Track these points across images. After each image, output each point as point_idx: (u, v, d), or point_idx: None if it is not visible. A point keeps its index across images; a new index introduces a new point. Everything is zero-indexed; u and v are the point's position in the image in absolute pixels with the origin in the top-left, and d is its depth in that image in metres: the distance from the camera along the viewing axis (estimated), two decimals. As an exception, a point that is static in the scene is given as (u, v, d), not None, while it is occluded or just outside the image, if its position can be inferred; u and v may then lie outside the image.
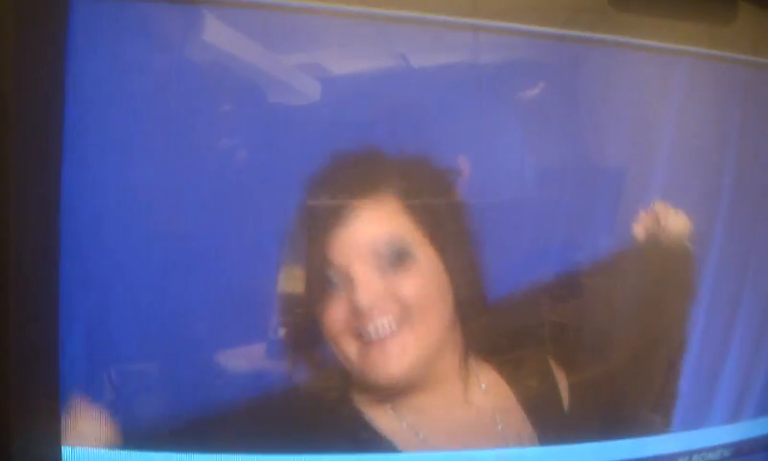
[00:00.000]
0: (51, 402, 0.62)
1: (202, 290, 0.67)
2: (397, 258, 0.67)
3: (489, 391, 0.74)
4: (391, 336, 0.66)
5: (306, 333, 0.69)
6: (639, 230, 0.78)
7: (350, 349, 0.67)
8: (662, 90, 0.80)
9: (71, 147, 0.60)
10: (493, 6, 0.74)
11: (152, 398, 0.67)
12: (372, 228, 0.67)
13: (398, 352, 0.67)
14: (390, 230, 0.67)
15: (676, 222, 0.79)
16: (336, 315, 0.67)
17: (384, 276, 0.67)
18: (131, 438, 0.66)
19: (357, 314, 0.66)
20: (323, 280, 0.67)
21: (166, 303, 0.66)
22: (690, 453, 0.81)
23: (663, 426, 0.82)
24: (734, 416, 0.86)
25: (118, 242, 0.64)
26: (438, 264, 0.69)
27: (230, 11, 0.66)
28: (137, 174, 0.64)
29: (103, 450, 0.65)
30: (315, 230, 0.67)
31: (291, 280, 0.69)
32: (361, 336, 0.66)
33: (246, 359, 0.69)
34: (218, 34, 0.66)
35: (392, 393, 0.70)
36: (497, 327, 0.75)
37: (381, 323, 0.66)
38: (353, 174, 0.69)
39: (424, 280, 0.68)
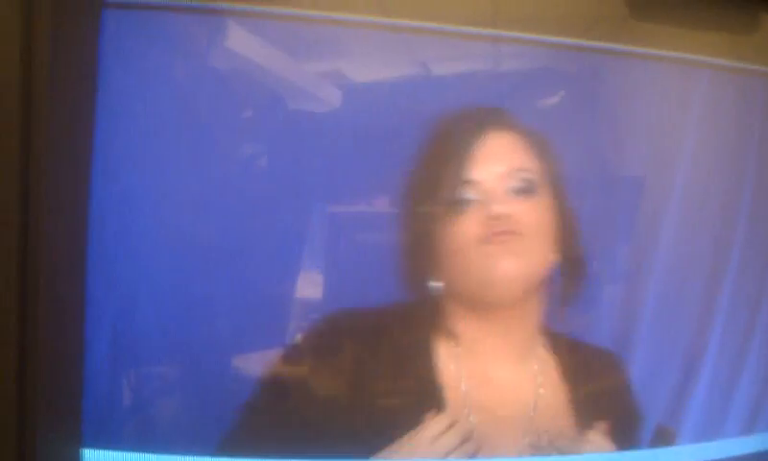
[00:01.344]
0: (74, 404, 0.62)
1: (225, 295, 0.68)
2: (525, 189, 0.73)
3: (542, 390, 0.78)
4: (512, 241, 0.72)
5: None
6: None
7: (473, 256, 0.72)
8: (682, 101, 0.80)
9: (100, 154, 0.61)
10: (514, 16, 0.74)
11: (174, 401, 0.68)
12: (510, 156, 0.74)
13: (516, 250, 0.73)
14: (523, 164, 0.74)
15: None
16: (466, 226, 0.72)
17: (512, 198, 0.73)
18: (152, 441, 0.66)
19: (487, 223, 0.72)
20: (458, 198, 0.72)
21: (190, 306, 0.66)
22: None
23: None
24: (749, 428, 0.85)
25: (144, 246, 0.65)
26: (551, 209, 0.76)
27: (254, 21, 0.67)
28: (163, 180, 0.65)
29: (124, 453, 0.65)
30: (456, 150, 0.73)
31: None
32: (483, 244, 0.72)
33: (265, 363, 0.70)
34: (242, 43, 0.67)
35: (493, 305, 0.75)
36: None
37: (508, 231, 0.72)
38: (484, 114, 0.76)
39: (542, 218, 0.75)
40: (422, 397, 0.74)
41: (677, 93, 0.80)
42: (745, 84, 0.82)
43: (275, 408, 0.70)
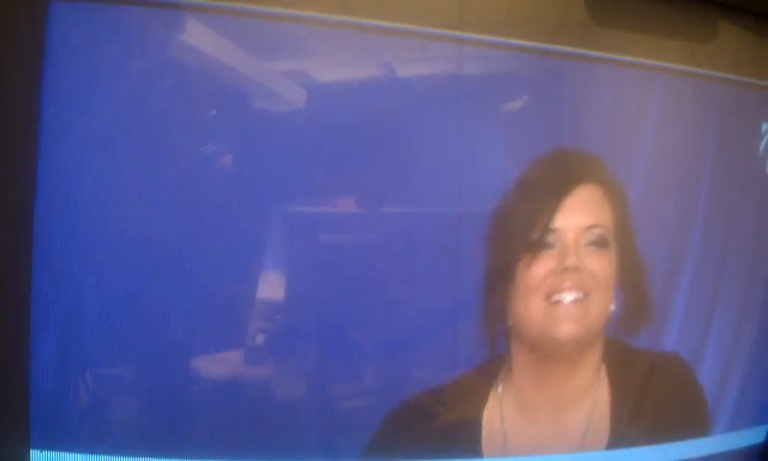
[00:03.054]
0: (20, 405, 0.61)
1: (177, 295, 0.66)
2: (600, 243, 0.78)
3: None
4: (576, 302, 0.77)
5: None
6: None
7: (537, 307, 0.77)
8: (643, 106, 0.81)
9: (46, 150, 0.60)
10: (479, 19, 0.74)
11: (123, 402, 0.67)
12: (590, 212, 0.79)
13: (578, 317, 0.77)
14: (601, 218, 0.79)
15: None
16: (539, 272, 0.76)
17: (586, 252, 0.77)
18: (101, 443, 0.65)
19: (559, 274, 0.76)
20: (540, 241, 0.76)
21: (140, 306, 0.65)
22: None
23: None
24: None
25: (92, 246, 0.63)
26: (615, 260, 0.80)
27: (213, 17, 0.66)
28: (114, 178, 0.63)
29: (72, 454, 0.64)
30: (543, 198, 0.77)
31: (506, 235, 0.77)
32: (550, 297, 0.76)
33: (224, 365, 0.69)
34: (197, 38, 0.65)
35: (555, 352, 0.79)
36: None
37: (575, 288, 0.77)
38: (580, 161, 0.80)
39: (612, 269, 0.79)
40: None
41: (637, 98, 0.81)
42: (703, 89, 0.83)
43: (229, 409, 0.69)
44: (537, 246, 0.76)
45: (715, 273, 0.86)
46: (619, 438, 0.82)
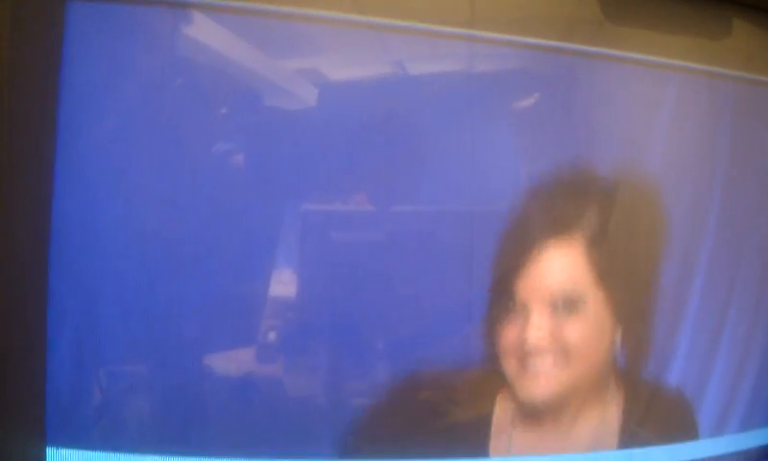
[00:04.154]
0: (37, 403, 0.61)
1: (192, 294, 0.67)
2: (571, 304, 0.74)
3: None
4: (545, 373, 0.73)
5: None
6: None
7: (511, 365, 0.74)
8: (656, 104, 0.81)
9: (64, 150, 0.60)
10: (491, 17, 0.74)
11: (139, 400, 0.67)
12: (557, 275, 0.74)
13: (548, 385, 0.74)
14: (571, 278, 0.74)
15: None
16: (508, 336, 0.73)
17: (556, 317, 0.73)
18: (117, 440, 0.65)
19: (523, 345, 0.73)
20: (505, 306, 0.74)
21: (156, 305, 0.65)
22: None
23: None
24: (718, 429, 0.87)
25: (109, 244, 0.63)
26: (604, 309, 0.76)
27: (227, 16, 0.66)
28: (130, 177, 0.64)
29: (88, 452, 0.65)
30: (505, 261, 0.74)
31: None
32: (522, 360, 0.73)
33: (238, 363, 0.70)
34: (213, 38, 0.65)
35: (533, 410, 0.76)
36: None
37: (541, 360, 0.73)
38: (545, 217, 0.76)
39: (590, 326, 0.75)
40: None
41: (651, 96, 0.80)
42: (717, 87, 0.83)
43: (242, 407, 0.69)
44: (506, 312, 0.73)
45: (729, 273, 0.86)
46: (630, 437, 0.80)
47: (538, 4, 0.76)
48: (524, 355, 0.73)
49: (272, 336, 0.71)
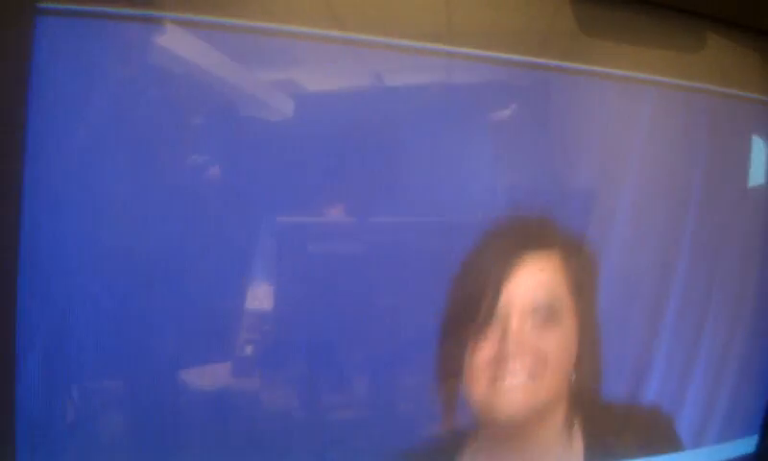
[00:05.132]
0: (6, 427, 0.60)
1: (165, 309, 0.66)
2: (549, 315, 0.74)
3: None
4: (521, 385, 0.73)
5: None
6: None
7: (481, 386, 0.73)
8: (632, 119, 0.81)
9: (33, 164, 0.59)
10: (467, 32, 0.74)
11: (112, 419, 0.66)
12: (535, 287, 0.74)
13: (523, 399, 0.73)
14: (549, 290, 0.74)
15: None
16: (482, 353, 0.73)
17: (534, 329, 0.73)
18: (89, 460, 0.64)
19: (499, 359, 0.72)
20: (483, 324, 0.73)
21: (128, 323, 0.64)
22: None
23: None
24: (697, 441, 0.87)
25: (80, 260, 0.62)
26: (574, 322, 0.76)
27: (199, 31, 0.65)
28: (101, 191, 0.62)
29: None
30: (482, 277, 0.73)
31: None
32: (494, 379, 0.72)
33: (213, 379, 0.69)
34: (185, 51, 0.65)
35: (503, 432, 0.76)
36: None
37: (518, 372, 0.73)
38: (523, 232, 0.75)
39: (565, 337, 0.75)
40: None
41: (626, 111, 0.81)
42: (692, 102, 0.84)
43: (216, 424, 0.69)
44: (480, 327, 0.72)
45: (706, 285, 0.87)
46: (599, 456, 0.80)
47: (513, 20, 0.77)
48: (498, 369, 0.72)
49: (248, 350, 0.70)
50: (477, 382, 0.73)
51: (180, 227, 0.66)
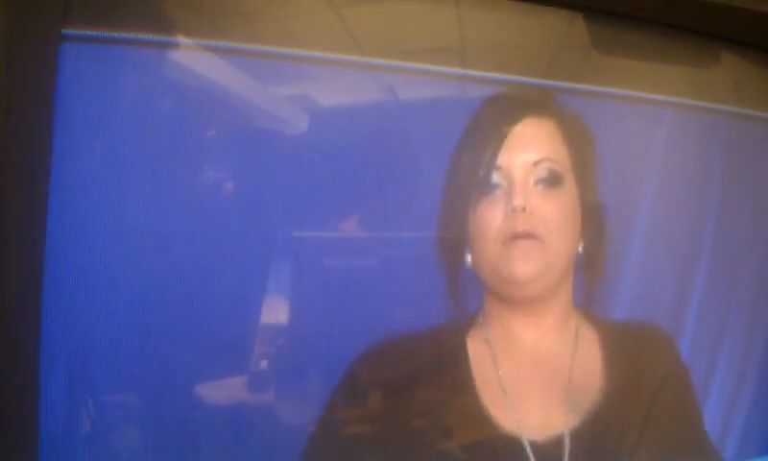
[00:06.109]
0: (29, 443, 0.61)
1: (186, 327, 0.67)
2: (551, 181, 0.74)
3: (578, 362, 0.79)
4: (530, 238, 0.73)
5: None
6: None
7: (491, 251, 0.74)
8: (646, 140, 0.82)
9: (57, 189, 0.60)
10: (481, 56, 0.75)
11: (134, 435, 0.67)
12: (535, 141, 0.75)
13: (534, 255, 0.74)
14: (550, 153, 0.75)
15: None
16: (489, 215, 0.74)
17: (536, 185, 0.74)
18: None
19: (509, 215, 0.73)
20: (486, 183, 0.74)
21: (149, 341, 0.66)
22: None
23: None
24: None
25: (102, 282, 0.64)
26: (576, 197, 0.77)
27: (219, 56, 0.67)
28: (123, 214, 0.64)
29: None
30: (487, 135, 0.75)
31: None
32: (502, 240, 0.73)
33: (233, 394, 0.70)
34: (206, 76, 0.66)
35: (515, 296, 0.77)
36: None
37: (526, 229, 0.73)
38: (525, 97, 0.78)
39: (568, 203, 0.76)
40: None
41: (640, 132, 0.81)
42: (707, 122, 0.84)
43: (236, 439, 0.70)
44: (484, 187, 0.74)
45: (722, 304, 0.86)
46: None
47: (526, 43, 0.77)
48: (512, 223, 0.73)
49: (266, 366, 0.71)
50: (486, 246, 0.74)
51: (199, 245, 0.67)
